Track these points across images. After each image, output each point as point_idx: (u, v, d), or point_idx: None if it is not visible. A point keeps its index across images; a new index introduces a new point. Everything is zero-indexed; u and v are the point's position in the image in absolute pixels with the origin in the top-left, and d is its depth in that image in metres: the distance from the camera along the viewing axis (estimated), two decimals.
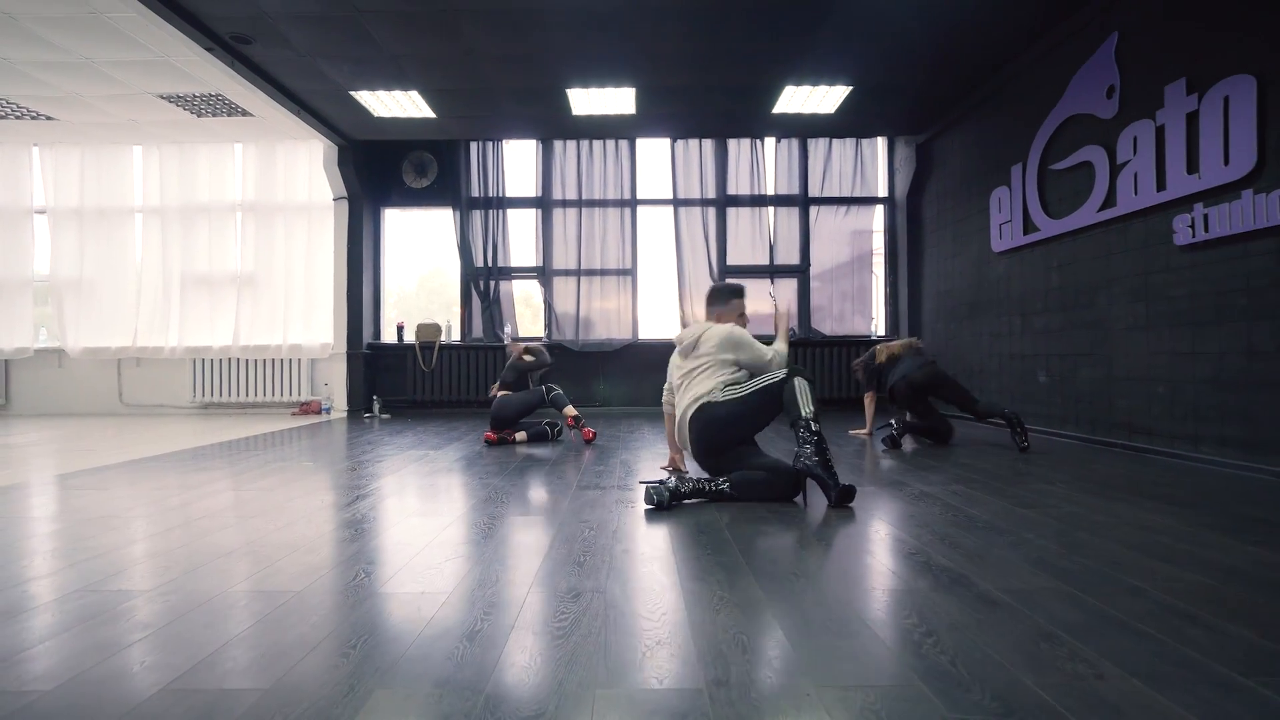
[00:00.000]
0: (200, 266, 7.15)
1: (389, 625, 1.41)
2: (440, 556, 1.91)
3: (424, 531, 2.20)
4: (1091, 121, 4.22)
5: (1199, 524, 2.25)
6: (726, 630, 1.37)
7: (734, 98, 5.74)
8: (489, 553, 1.95)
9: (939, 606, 1.51)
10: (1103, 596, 1.56)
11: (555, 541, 2.07)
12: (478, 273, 7.17)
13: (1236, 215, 3.19)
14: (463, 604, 1.54)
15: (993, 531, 2.17)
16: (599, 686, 1.14)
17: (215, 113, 5.93)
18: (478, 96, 5.65)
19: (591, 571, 1.77)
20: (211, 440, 4.72)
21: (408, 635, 1.35)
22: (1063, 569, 1.77)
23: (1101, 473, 3.25)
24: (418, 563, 1.85)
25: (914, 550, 1.96)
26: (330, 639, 1.34)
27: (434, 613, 1.48)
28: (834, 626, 1.40)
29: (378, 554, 1.96)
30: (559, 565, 1.83)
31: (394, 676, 1.17)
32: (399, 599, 1.57)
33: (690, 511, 2.47)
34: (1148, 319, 3.81)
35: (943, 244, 6.29)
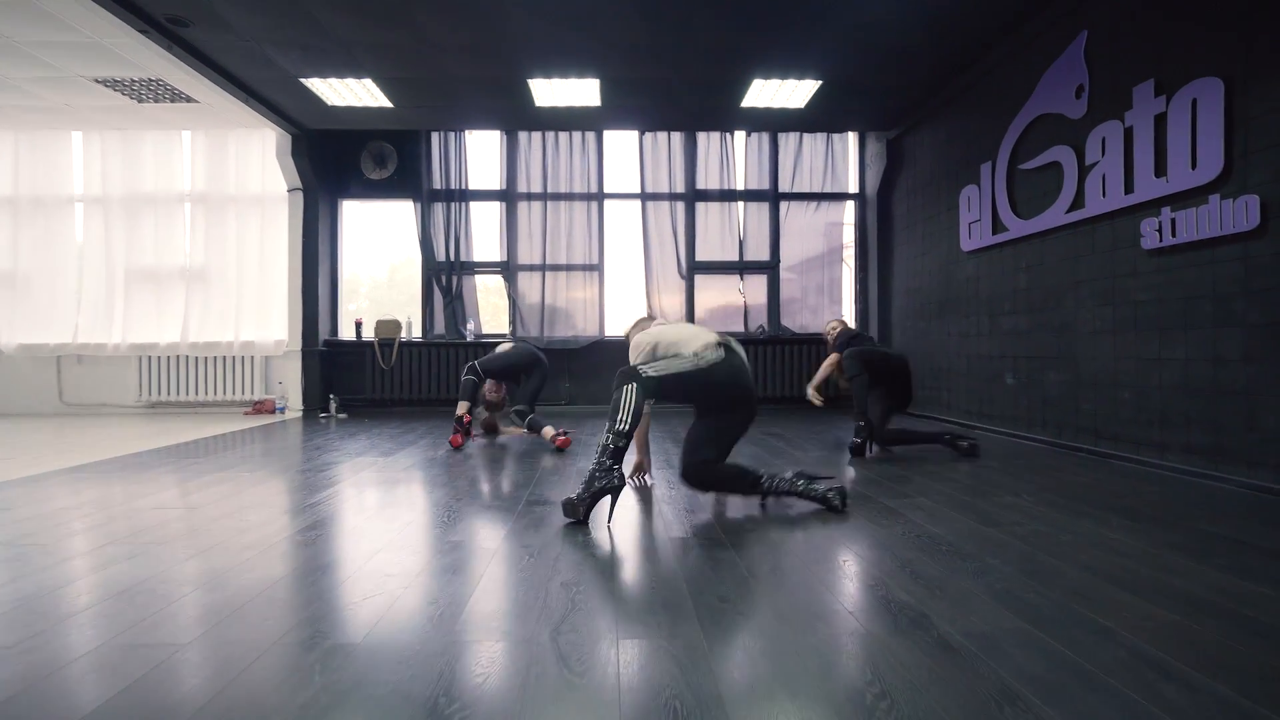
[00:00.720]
0: (146, 259, 6.83)
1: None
2: (357, 595, 1.76)
3: (350, 560, 2.04)
4: (1061, 121, 4.15)
5: (1165, 544, 2.18)
6: (659, 693, 1.24)
7: (702, 91, 5.59)
8: (413, 592, 1.80)
9: (896, 656, 1.39)
10: (1069, 640, 1.46)
11: (485, 578, 1.92)
12: (440, 267, 6.95)
13: (1204, 220, 3.14)
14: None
15: (955, 556, 2.07)
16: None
17: (157, 98, 5.62)
18: (435, 86, 5.42)
19: (522, 614, 1.63)
20: (148, 446, 4.47)
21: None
22: (1026, 604, 1.67)
23: (1067, 482, 3.19)
24: (339, 601, 1.70)
25: (873, 581, 1.85)
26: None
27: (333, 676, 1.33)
28: (781, 686, 1.27)
29: (265, 596, 1.79)
30: (486, 603, 1.68)
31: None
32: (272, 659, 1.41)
33: (638, 530, 2.34)
34: (1115, 323, 3.76)
35: (913, 241, 6.22)
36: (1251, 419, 2.98)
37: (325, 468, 3.67)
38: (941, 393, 5.67)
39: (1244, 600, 1.70)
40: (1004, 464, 3.69)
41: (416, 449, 4.34)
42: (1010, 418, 4.73)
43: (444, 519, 2.56)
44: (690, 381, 2.63)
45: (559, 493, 2.99)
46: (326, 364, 6.87)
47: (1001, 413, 4.83)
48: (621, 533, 2.35)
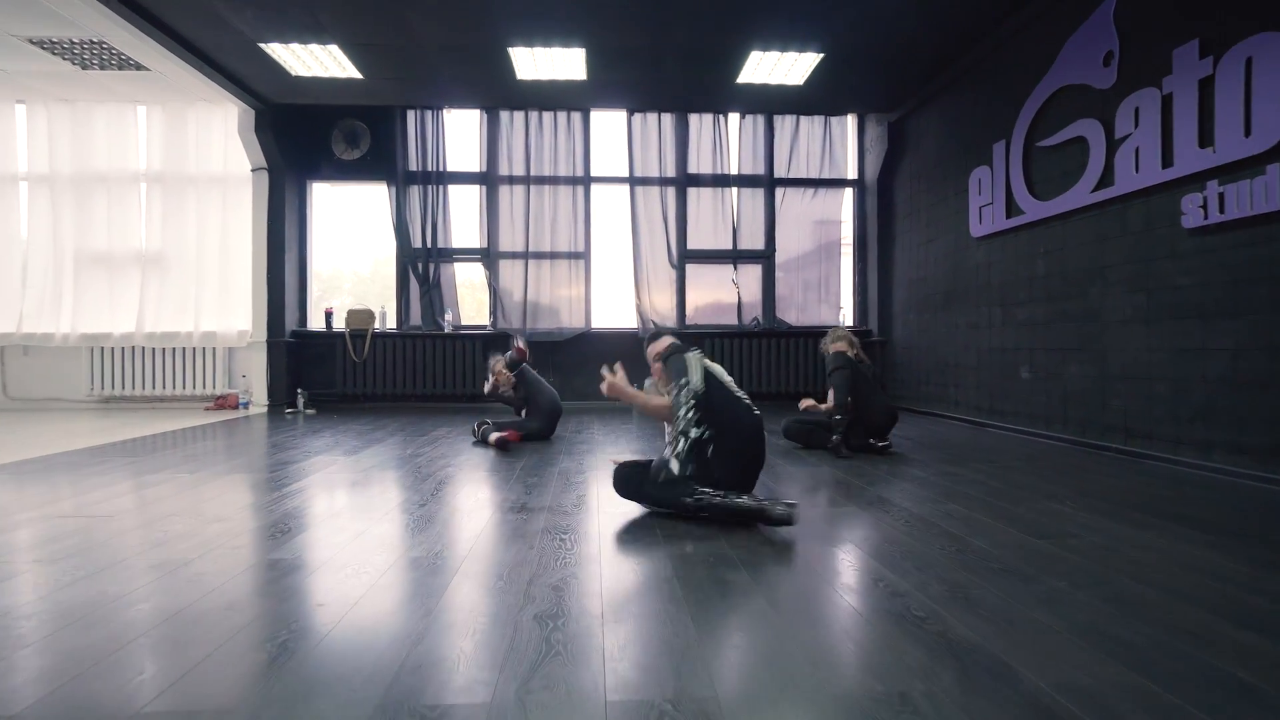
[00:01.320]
0: (98, 243, 6.35)
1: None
2: (265, 640, 1.37)
3: (273, 585, 1.65)
4: (1086, 92, 3.82)
5: (1257, 562, 1.84)
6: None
7: (696, 64, 5.21)
8: (345, 632, 1.42)
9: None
10: (1200, 699, 1.11)
11: (442, 610, 1.55)
12: (416, 254, 6.53)
13: (1259, 193, 2.81)
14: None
15: (1013, 577, 1.72)
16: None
17: (104, 65, 5.16)
18: (408, 55, 5.01)
19: (485, 661, 1.25)
20: (86, 443, 4.03)
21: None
22: (1125, 645, 1.32)
23: (1106, 486, 2.86)
24: (236, 652, 1.31)
25: (923, 614, 1.49)
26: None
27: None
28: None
29: (186, 619, 1.41)
30: (440, 645, 1.31)
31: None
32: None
33: (633, 551, 1.97)
34: (1149, 310, 3.44)
35: (916, 229, 5.89)
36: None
37: (277, 468, 3.26)
38: (948, 389, 5.35)
39: None
40: (1028, 465, 3.36)
41: (384, 448, 3.94)
42: (1027, 415, 4.41)
43: (403, 528, 2.17)
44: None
45: (535, 499, 2.61)
46: (294, 356, 6.43)
47: (1016, 409, 4.51)
48: (612, 545, 1.98)
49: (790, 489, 2.79)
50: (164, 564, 1.81)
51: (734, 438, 2.30)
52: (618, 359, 6.27)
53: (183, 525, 2.20)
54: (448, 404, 6.49)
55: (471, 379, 6.44)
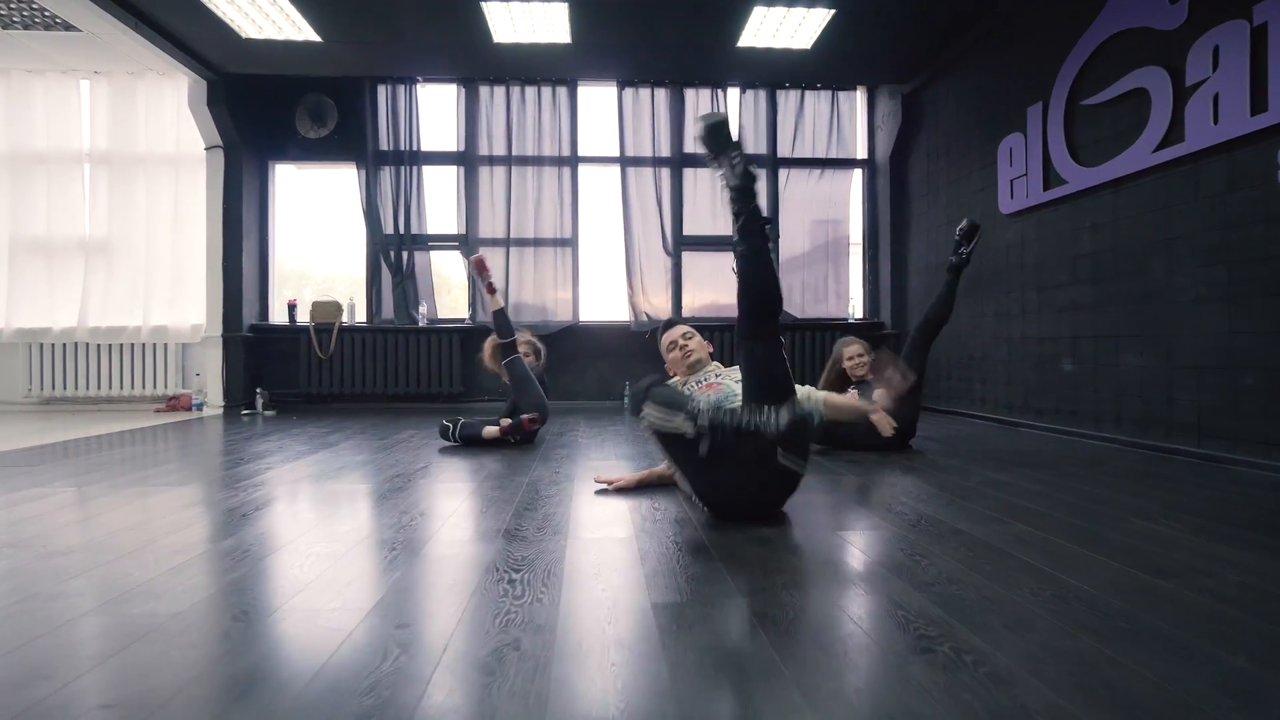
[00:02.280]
0: (36, 229, 5.78)
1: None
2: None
3: (128, 645, 1.10)
4: (1146, 36, 3.28)
5: None
6: None
7: (692, 23, 4.67)
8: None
9: None
10: None
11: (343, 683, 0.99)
12: (388, 241, 5.97)
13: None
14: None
15: (1158, 643, 1.17)
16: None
17: (27, 24, 4.61)
18: (370, 12, 4.46)
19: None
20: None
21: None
22: None
23: (1199, 499, 2.32)
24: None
25: (1043, 706, 0.94)
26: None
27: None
28: None
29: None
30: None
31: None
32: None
33: (611, 612, 1.43)
34: (1229, 287, 2.90)
35: (934, 210, 5.35)
36: None
37: (189, 481, 2.70)
38: (973, 384, 4.81)
39: None
40: (1089, 472, 2.81)
41: (334, 454, 3.38)
42: (1069, 413, 3.87)
43: (291, 570, 1.62)
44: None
45: (489, 520, 2.06)
46: (253, 352, 5.87)
47: (1057, 407, 3.97)
48: (579, 599, 1.43)
49: (812, 500, 2.24)
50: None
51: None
52: (608, 354, 5.76)
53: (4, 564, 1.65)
54: (422, 404, 5.94)
55: (449, 377, 5.88)
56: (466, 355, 5.90)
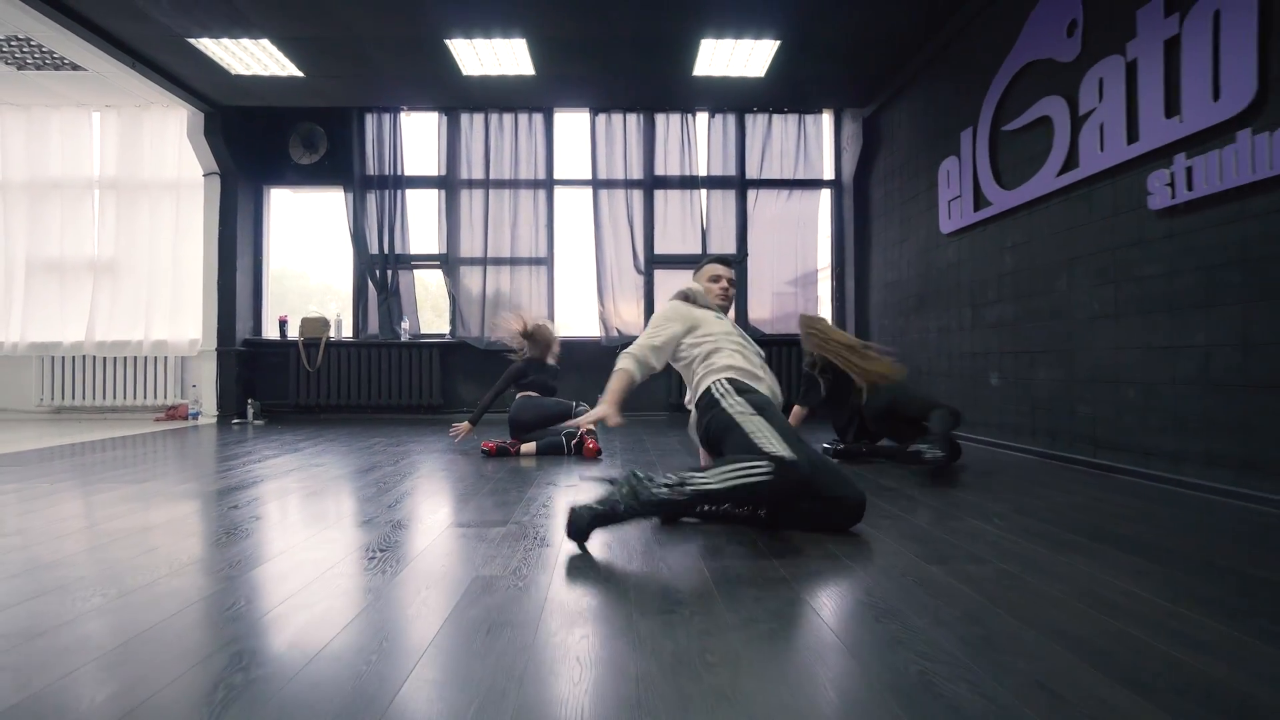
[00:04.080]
0: (50, 250, 6.23)
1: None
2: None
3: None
4: (1050, 68, 3.47)
5: (1187, 594, 1.46)
6: None
7: (646, 55, 4.94)
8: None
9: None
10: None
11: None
12: (374, 261, 6.30)
13: (1229, 164, 2.44)
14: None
15: (871, 614, 1.36)
16: None
17: (39, 65, 5.03)
18: (345, 50, 4.80)
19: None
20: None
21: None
22: (949, 704, 0.97)
23: (1056, 503, 2.48)
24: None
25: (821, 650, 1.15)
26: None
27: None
28: None
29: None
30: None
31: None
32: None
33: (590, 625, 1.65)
34: (1116, 305, 3.05)
35: (890, 229, 5.53)
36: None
37: (145, 480, 2.99)
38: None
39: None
40: (982, 480, 2.97)
41: (302, 455, 3.66)
42: (996, 425, 4.01)
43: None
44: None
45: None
46: (245, 366, 6.22)
47: (987, 419, 4.11)
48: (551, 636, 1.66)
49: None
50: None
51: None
52: (580, 367, 5.99)
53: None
54: (404, 415, 6.23)
55: (429, 389, 6.17)
56: (446, 369, 6.19)
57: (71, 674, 1.09)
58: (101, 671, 1.10)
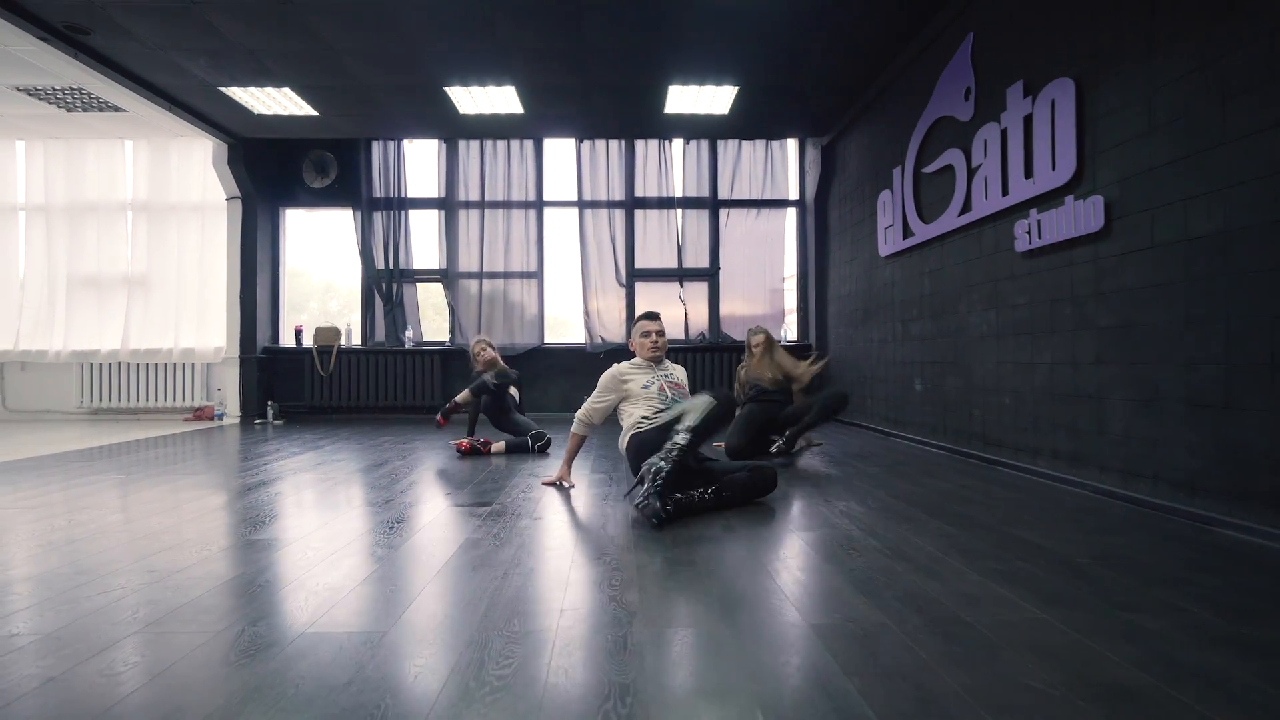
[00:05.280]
0: (88, 267, 6.89)
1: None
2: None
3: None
4: (953, 124, 4.12)
5: (951, 547, 2.12)
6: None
7: (622, 98, 5.59)
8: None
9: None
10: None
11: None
12: (380, 275, 6.97)
13: (1062, 222, 3.09)
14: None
15: (685, 573, 2.02)
16: None
17: (86, 107, 5.68)
18: (355, 94, 5.45)
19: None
20: (50, 450, 4.48)
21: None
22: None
23: (929, 487, 3.13)
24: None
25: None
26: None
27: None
28: None
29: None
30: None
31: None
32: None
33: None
34: (998, 327, 3.71)
35: (843, 248, 6.18)
36: (1101, 422, 2.92)
37: (220, 470, 3.66)
38: (866, 400, 5.61)
39: (974, 603, 1.65)
40: (889, 470, 3.63)
41: (322, 452, 4.32)
42: (919, 425, 4.67)
43: (307, 512, 2.53)
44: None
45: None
46: (266, 371, 6.89)
47: (912, 420, 4.77)
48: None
49: None
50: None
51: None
52: (568, 371, 6.64)
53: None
54: (408, 415, 6.89)
55: (431, 391, 6.84)
56: (447, 373, 6.86)
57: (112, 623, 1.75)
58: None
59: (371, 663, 1.34)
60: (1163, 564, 1.98)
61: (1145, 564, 1.98)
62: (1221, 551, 2.11)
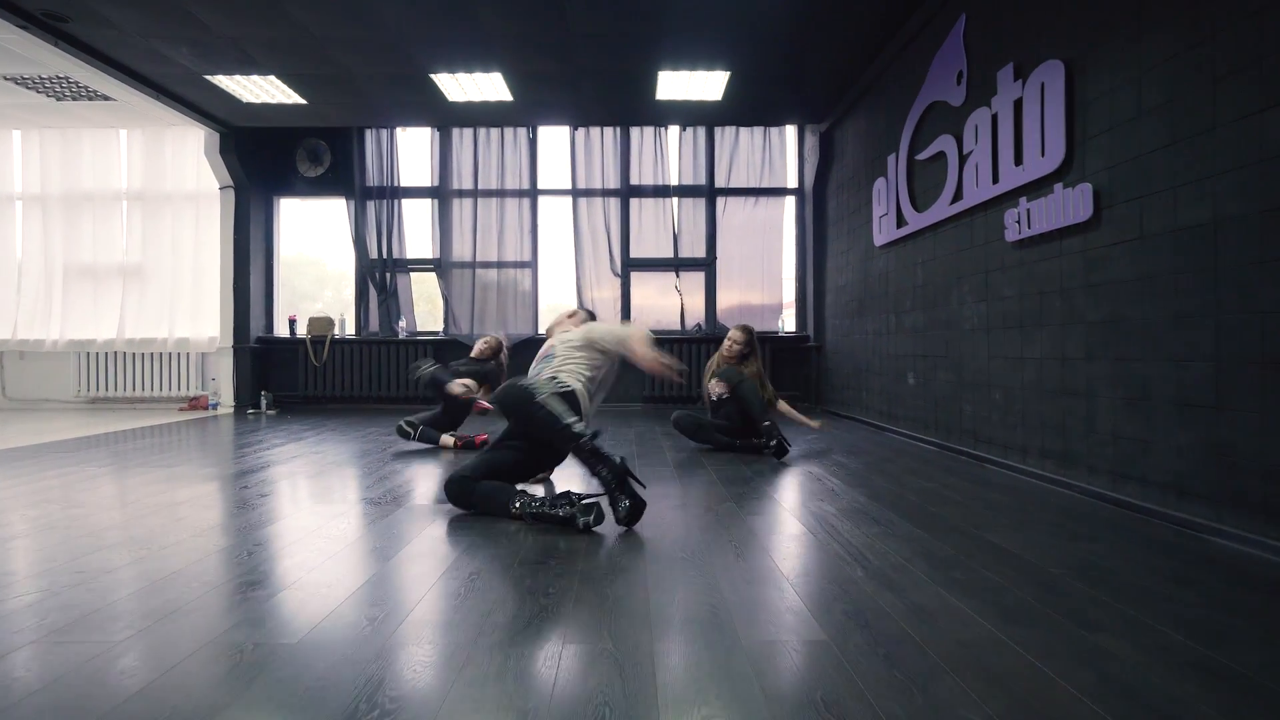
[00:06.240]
0: (84, 257, 6.90)
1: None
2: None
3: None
4: (946, 109, 3.97)
5: (916, 553, 2.03)
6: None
7: (612, 84, 5.47)
8: None
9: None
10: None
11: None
12: (373, 265, 6.92)
13: (1052, 210, 2.96)
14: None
15: (679, 564, 1.95)
16: None
17: (75, 96, 5.65)
18: (341, 82, 5.37)
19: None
20: (39, 440, 4.49)
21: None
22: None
23: (908, 486, 3.03)
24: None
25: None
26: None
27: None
28: None
29: None
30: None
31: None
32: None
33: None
34: (988, 319, 3.58)
35: (840, 237, 6.05)
36: (1091, 420, 2.80)
37: (212, 458, 3.63)
38: (861, 393, 5.50)
39: (919, 616, 1.56)
40: (872, 467, 3.53)
41: (301, 444, 4.29)
42: (911, 419, 4.56)
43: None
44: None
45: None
46: (259, 361, 6.88)
47: (905, 414, 4.65)
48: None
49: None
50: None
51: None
52: None
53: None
54: (401, 405, 6.85)
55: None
56: (440, 363, 6.78)
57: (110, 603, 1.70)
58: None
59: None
60: (1141, 576, 1.88)
61: (1122, 576, 1.88)
62: (1206, 562, 2.00)
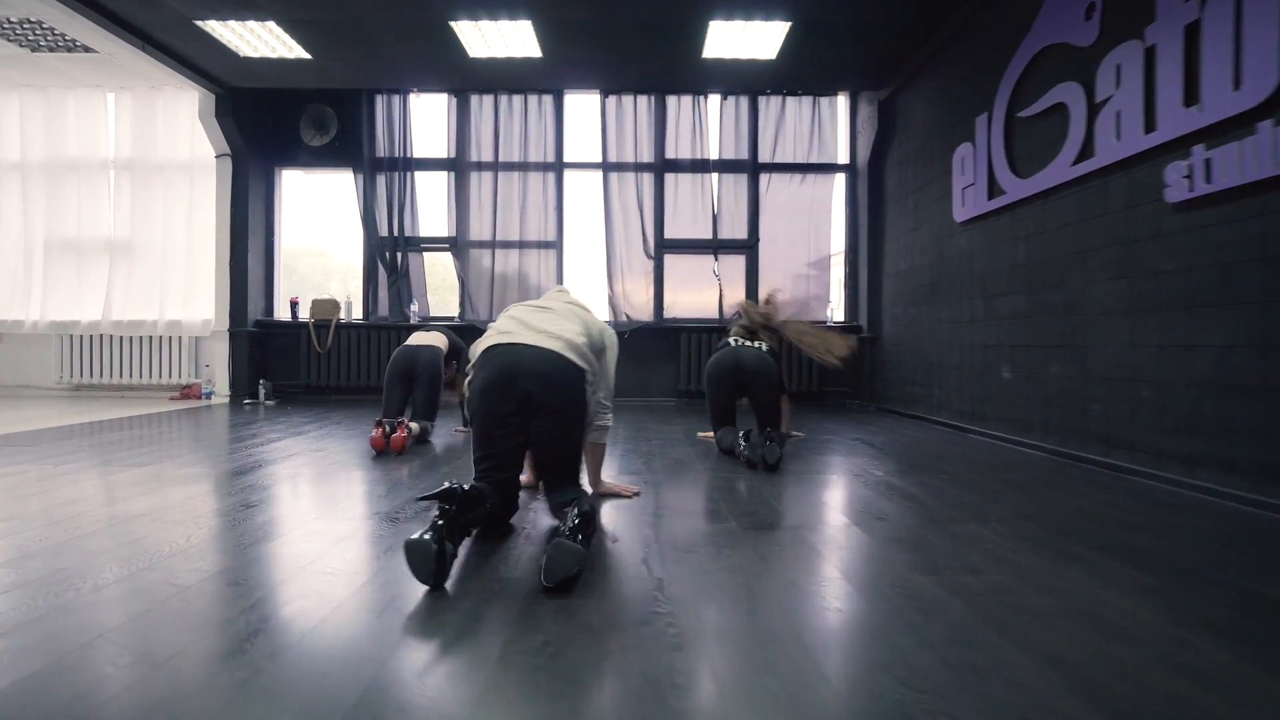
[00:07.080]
0: (68, 230, 6.31)
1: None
2: None
3: None
4: (1067, 52, 3.34)
5: (1195, 618, 1.42)
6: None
7: (654, 36, 4.84)
8: None
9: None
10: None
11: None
12: (383, 243, 6.31)
13: (1249, 157, 2.33)
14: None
15: (861, 634, 1.34)
16: None
17: (52, 48, 5.06)
18: (349, 31, 4.75)
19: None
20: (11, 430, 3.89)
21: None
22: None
23: (1062, 505, 2.42)
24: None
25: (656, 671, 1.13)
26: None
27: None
28: None
29: None
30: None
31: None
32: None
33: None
34: (1131, 301, 2.96)
35: (904, 216, 5.42)
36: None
37: (205, 454, 3.03)
38: (933, 390, 4.87)
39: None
40: (986, 477, 2.92)
41: (301, 440, 3.69)
42: (1007, 420, 3.93)
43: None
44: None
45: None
46: (258, 346, 6.28)
47: (997, 414, 4.03)
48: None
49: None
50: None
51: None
52: None
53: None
54: None
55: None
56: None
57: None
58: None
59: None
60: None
61: None
62: None
